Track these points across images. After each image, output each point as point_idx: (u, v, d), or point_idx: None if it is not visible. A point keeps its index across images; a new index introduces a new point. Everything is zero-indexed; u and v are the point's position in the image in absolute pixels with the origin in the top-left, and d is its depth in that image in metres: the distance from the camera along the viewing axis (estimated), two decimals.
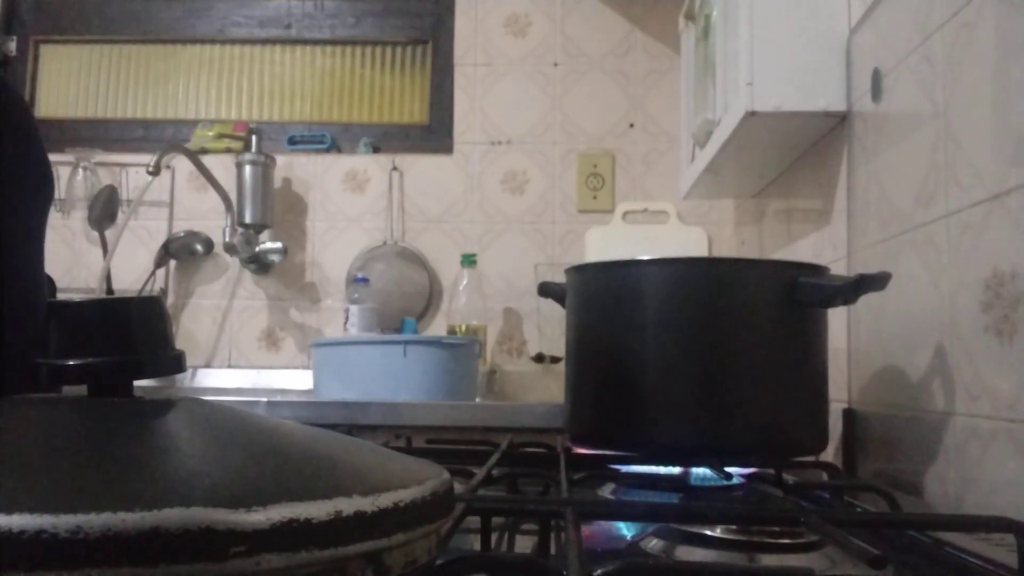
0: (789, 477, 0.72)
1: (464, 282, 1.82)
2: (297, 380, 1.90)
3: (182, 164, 1.94)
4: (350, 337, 1.35)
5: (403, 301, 1.93)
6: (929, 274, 0.78)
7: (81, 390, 0.31)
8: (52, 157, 0.78)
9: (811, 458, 0.79)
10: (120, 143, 2.04)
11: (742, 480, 0.71)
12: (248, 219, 1.87)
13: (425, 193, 2.01)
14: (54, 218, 1.44)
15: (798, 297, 0.71)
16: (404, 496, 0.26)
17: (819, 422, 0.75)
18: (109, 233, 1.87)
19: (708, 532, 0.51)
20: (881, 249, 0.90)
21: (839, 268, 1.01)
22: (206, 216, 1.99)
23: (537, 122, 2.01)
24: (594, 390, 0.75)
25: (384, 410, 1.24)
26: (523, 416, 1.24)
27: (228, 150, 1.97)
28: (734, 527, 0.51)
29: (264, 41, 2.12)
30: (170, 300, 1.98)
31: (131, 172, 1.97)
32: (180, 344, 0.33)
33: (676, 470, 0.73)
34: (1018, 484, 0.62)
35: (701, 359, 0.71)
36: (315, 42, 2.11)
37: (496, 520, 0.48)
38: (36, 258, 0.74)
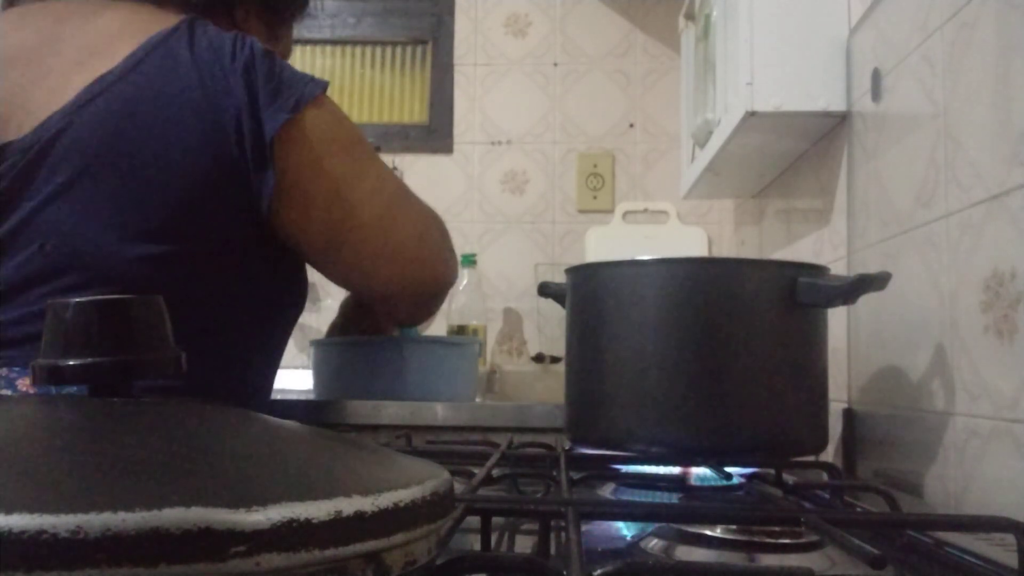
0: (789, 477, 0.72)
1: (464, 282, 1.82)
2: (297, 380, 1.89)
3: None
4: (350, 337, 1.35)
5: None
6: (929, 274, 0.78)
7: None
8: None
9: (811, 458, 0.79)
10: None
11: (742, 480, 0.71)
12: None
13: (425, 193, 1.99)
14: None
15: (798, 297, 0.71)
16: (404, 496, 0.26)
17: (819, 422, 0.75)
18: None
19: (708, 532, 0.51)
20: (881, 249, 0.90)
21: (839, 268, 1.01)
22: None
23: (537, 122, 2.01)
24: (594, 390, 0.75)
25: (384, 410, 1.24)
26: (523, 416, 1.24)
27: None
28: (734, 527, 0.51)
29: None
30: None
31: None
32: None
33: (676, 470, 0.73)
34: (1018, 484, 0.62)
35: (701, 359, 0.71)
36: (315, 42, 2.11)
37: (496, 520, 0.48)
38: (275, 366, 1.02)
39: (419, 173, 2.01)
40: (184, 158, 0.80)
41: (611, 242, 1.91)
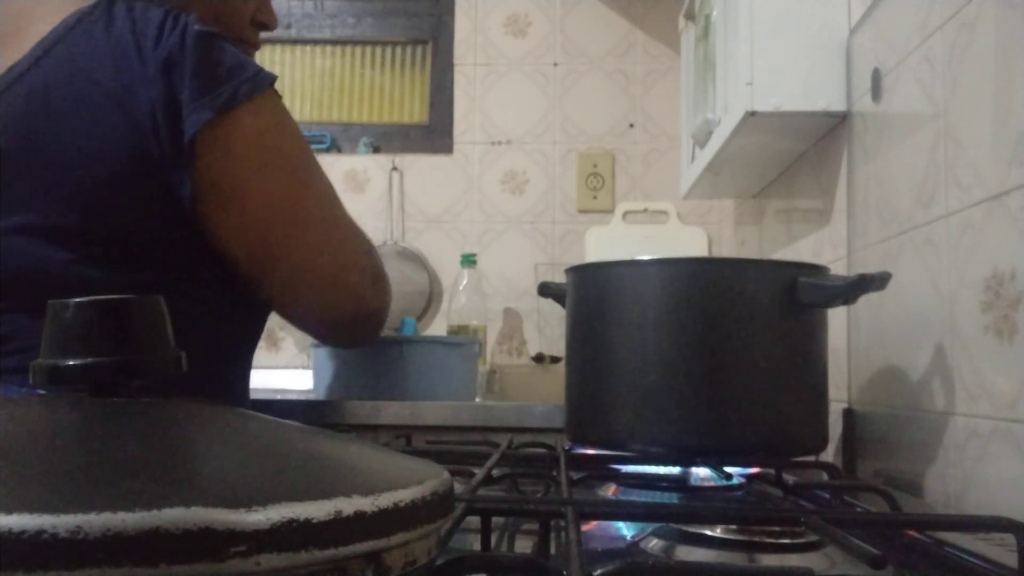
0: (789, 477, 0.72)
1: (464, 282, 1.82)
2: (297, 380, 1.89)
3: None
4: None
5: (403, 301, 1.92)
6: (929, 274, 0.78)
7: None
8: None
9: (811, 458, 0.79)
10: None
11: (742, 480, 0.71)
12: None
13: (425, 193, 2.01)
14: None
15: (798, 297, 0.71)
16: (404, 496, 0.26)
17: (819, 422, 0.75)
18: None
19: (708, 532, 0.51)
20: (881, 249, 0.90)
21: (839, 268, 1.01)
22: None
23: (537, 122, 2.01)
24: (594, 390, 0.75)
25: (384, 410, 1.24)
26: (523, 416, 1.24)
27: None
28: (734, 527, 0.51)
29: (264, 41, 2.11)
30: None
31: None
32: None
33: (676, 470, 0.73)
34: (1018, 484, 0.62)
35: (701, 359, 0.71)
36: (315, 42, 2.11)
37: (496, 520, 0.48)
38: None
39: (419, 173, 2.01)
40: (100, 152, 0.73)
41: (611, 242, 1.91)
